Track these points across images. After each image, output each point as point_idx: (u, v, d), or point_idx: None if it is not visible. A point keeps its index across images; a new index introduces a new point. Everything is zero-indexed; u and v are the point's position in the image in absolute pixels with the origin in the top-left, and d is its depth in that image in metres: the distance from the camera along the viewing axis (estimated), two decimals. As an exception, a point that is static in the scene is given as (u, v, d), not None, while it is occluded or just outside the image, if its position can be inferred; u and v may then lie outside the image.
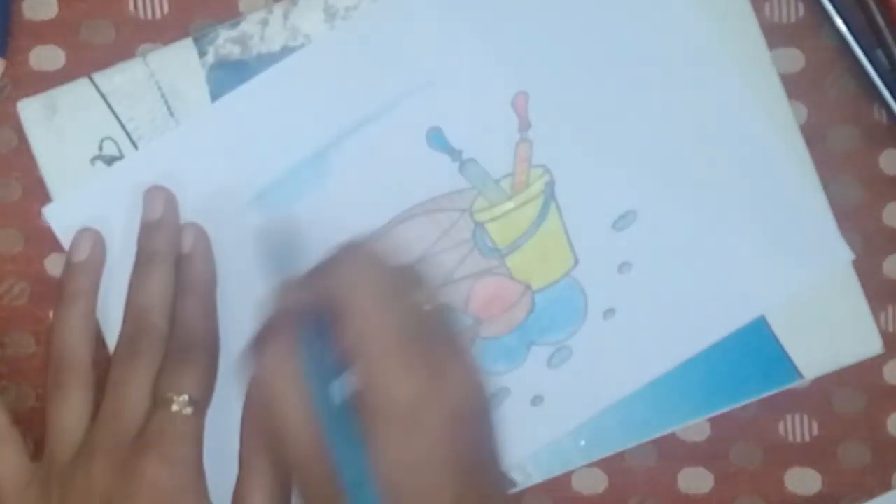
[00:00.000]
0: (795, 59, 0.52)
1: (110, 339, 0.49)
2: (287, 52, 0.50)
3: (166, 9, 0.51)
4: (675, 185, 0.51)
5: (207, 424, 0.46)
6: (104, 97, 0.50)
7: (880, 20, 0.51)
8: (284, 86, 0.50)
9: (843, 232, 0.52)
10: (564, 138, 0.51)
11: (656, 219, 0.51)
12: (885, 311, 0.53)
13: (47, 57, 0.51)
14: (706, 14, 0.51)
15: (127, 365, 0.46)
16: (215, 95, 0.50)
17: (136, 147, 0.50)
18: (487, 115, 0.51)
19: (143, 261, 0.48)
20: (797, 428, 0.53)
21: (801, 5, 0.52)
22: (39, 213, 0.50)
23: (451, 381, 0.40)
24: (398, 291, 0.41)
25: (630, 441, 0.52)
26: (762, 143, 0.51)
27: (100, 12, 0.51)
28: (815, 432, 0.53)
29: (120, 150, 0.50)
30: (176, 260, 0.49)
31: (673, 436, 0.53)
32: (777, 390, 0.52)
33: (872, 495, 0.53)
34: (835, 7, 0.51)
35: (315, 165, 0.50)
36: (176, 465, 0.44)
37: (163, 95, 0.50)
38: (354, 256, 0.42)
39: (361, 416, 0.39)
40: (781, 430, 0.53)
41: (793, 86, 0.51)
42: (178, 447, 0.45)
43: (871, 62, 0.51)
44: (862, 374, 0.53)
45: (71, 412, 0.46)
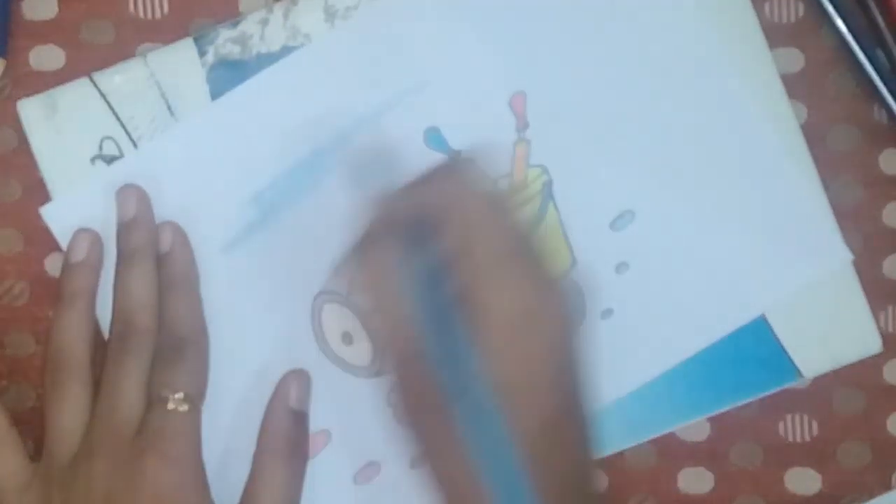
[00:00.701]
0: (795, 59, 0.52)
1: (110, 338, 0.49)
2: (287, 51, 0.50)
3: (166, 9, 0.51)
4: (673, 185, 0.51)
5: (207, 424, 0.46)
6: (104, 97, 0.50)
7: (880, 20, 0.51)
8: (284, 85, 0.50)
9: (843, 232, 0.52)
10: (562, 138, 0.51)
11: (654, 219, 0.51)
12: (885, 311, 0.53)
13: (47, 57, 0.51)
14: (706, 13, 0.51)
15: (119, 365, 0.46)
16: (215, 95, 0.50)
17: (136, 146, 0.50)
18: (485, 115, 0.51)
19: (123, 260, 0.48)
20: (797, 428, 0.53)
21: (801, 5, 0.52)
22: (39, 213, 0.50)
23: (560, 294, 0.43)
24: (501, 208, 0.43)
25: (630, 441, 0.52)
26: (762, 143, 0.51)
27: (100, 12, 0.51)
28: (815, 432, 0.53)
29: (120, 150, 0.50)
30: (157, 259, 0.49)
31: (673, 436, 0.53)
32: (777, 389, 0.52)
33: (872, 495, 0.53)
34: (835, 7, 0.51)
35: (314, 164, 0.50)
36: (176, 464, 0.45)
37: (163, 95, 0.50)
38: (458, 172, 0.44)
39: (471, 318, 0.41)
40: (781, 430, 0.53)
41: (793, 86, 0.51)
42: (177, 445, 0.45)
43: (871, 62, 0.51)
44: (862, 374, 0.53)
45: (69, 411, 0.46)
